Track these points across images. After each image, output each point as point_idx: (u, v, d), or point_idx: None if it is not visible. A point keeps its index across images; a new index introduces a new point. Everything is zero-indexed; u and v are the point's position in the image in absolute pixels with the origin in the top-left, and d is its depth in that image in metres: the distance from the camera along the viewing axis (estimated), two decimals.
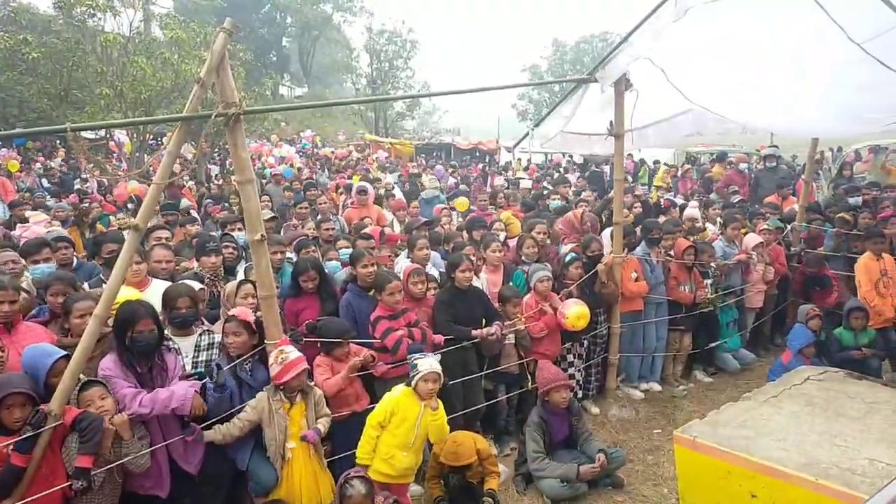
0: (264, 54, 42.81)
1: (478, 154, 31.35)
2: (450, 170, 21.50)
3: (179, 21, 18.07)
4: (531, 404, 5.23)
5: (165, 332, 3.80)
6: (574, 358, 5.99)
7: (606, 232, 6.61)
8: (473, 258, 5.60)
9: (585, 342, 6.07)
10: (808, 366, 5.09)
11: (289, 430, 3.78)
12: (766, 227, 7.42)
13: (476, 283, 5.59)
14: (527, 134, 6.63)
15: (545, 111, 5.92)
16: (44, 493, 3.07)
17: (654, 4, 4.33)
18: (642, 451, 5.29)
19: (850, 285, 7.01)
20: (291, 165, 19.97)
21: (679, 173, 13.88)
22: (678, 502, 3.91)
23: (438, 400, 4.13)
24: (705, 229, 7.72)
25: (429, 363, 4.02)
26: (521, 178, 16.21)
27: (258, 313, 4.07)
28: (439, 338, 4.92)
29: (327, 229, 6.92)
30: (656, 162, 18.71)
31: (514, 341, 5.47)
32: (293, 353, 3.82)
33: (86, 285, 4.71)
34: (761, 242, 7.06)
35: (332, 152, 27.65)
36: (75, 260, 5.56)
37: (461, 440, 4.25)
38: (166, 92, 15.92)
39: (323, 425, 3.94)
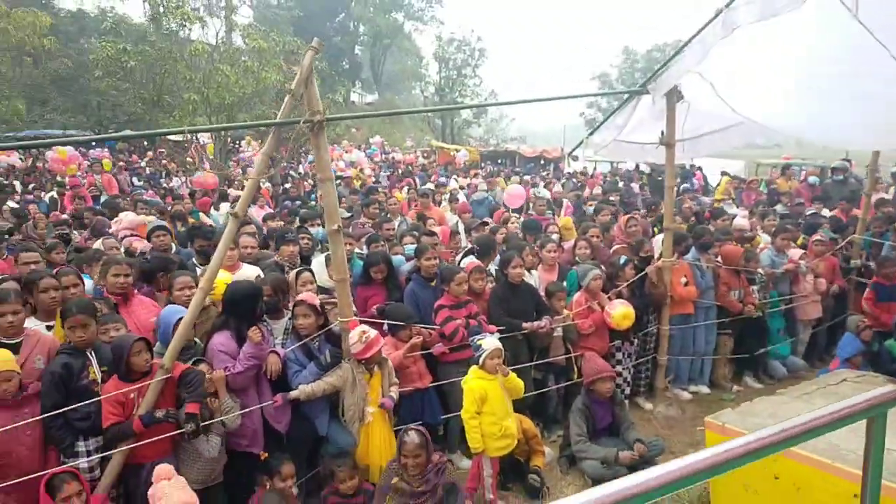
0: (337, 62, 44.25)
1: (542, 162, 31.54)
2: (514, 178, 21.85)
3: (260, 31, 19.21)
4: (577, 395, 5.57)
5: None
6: (623, 356, 6.28)
7: (657, 238, 6.87)
8: (526, 256, 6.01)
9: (635, 341, 6.36)
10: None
11: (368, 397, 4.31)
12: (818, 238, 7.48)
13: (529, 279, 6.01)
14: (581, 142, 6.98)
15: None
16: (158, 438, 3.69)
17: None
18: (684, 444, 5.54)
19: None
20: (361, 170, 20.81)
21: (744, 185, 13.78)
22: (708, 485, 4.20)
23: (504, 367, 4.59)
24: (756, 238, 7.83)
25: (491, 342, 4.51)
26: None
27: (322, 297, 4.64)
28: (493, 328, 5.35)
29: (388, 229, 7.49)
30: (724, 173, 18.50)
31: (561, 335, 5.84)
32: (373, 332, 4.35)
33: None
34: (804, 253, 7.15)
35: (395, 158, 28.48)
36: (173, 246, 6.29)
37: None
38: (247, 98, 17.01)
39: (395, 393, 4.48)
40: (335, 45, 49.80)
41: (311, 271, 5.08)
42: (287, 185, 15.91)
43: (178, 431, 3.73)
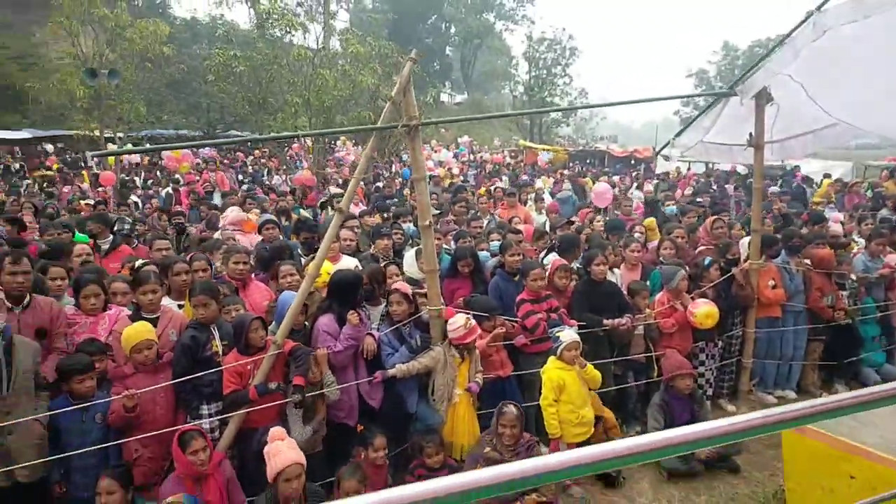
0: (429, 64, 45.24)
1: (633, 162, 30.96)
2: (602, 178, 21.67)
3: (357, 36, 20.04)
4: (657, 392, 5.69)
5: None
6: (706, 357, 6.30)
7: (745, 240, 6.82)
8: (609, 255, 6.18)
9: (720, 343, 6.37)
10: None
11: (457, 380, 4.66)
12: None
13: (611, 278, 6.17)
14: (667, 143, 7.02)
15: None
16: (269, 405, 4.19)
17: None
18: (764, 445, 5.53)
19: None
20: (449, 170, 21.32)
21: (846, 187, 13.14)
22: (783, 484, 4.25)
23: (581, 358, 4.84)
24: (850, 243, 7.57)
25: (569, 334, 4.77)
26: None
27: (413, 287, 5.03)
28: (573, 323, 5.56)
29: (476, 226, 7.82)
30: (826, 176, 17.63)
31: (643, 333, 5.95)
32: (473, 321, 4.69)
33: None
34: None
35: (483, 158, 28.84)
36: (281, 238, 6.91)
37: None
38: (344, 100, 17.81)
39: (480, 379, 4.82)
40: (427, 47, 50.85)
41: (398, 264, 5.49)
42: (380, 185, 16.62)
43: (286, 400, 4.21)
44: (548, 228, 8.67)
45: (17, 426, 3.67)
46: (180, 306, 4.77)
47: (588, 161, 32.40)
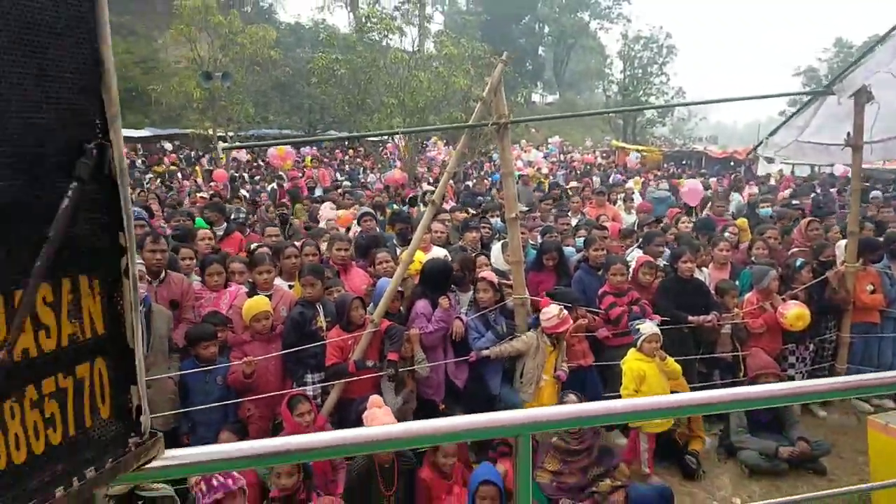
0: (521, 64, 45.30)
1: (732, 163, 29.77)
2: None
3: (451, 38, 20.53)
4: None
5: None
6: (796, 360, 6.20)
7: (841, 243, 6.63)
8: (698, 254, 6.21)
9: (811, 346, 6.25)
10: None
11: (544, 366, 4.91)
12: None
13: (699, 275, 6.20)
14: (760, 143, 6.91)
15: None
16: (364, 377, 4.61)
17: None
18: (854, 451, 5.40)
19: None
20: (538, 169, 21.42)
21: None
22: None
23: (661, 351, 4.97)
24: None
25: (649, 327, 4.92)
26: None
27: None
28: (656, 318, 5.65)
29: (563, 223, 8.00)
30: None
31: (730, 332, 5.95)
32: (566, 312, 4.94)
33: None
34: None
35: (572, 158, 28.64)
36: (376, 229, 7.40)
37: None
38: (437, 101, 18.35)
39: (566, 368, 5.07)
40: (519, 47, 50.91)
41: (486, 256, 5.81)
42: (469, 184, 17.03)
43: (381, 374, 4.61)
44: (636, 228, 8.73)
45: (154, 382, 4.26)
46: (290, 286, 5.29)
47: (684, 162, 31.45)
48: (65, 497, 1.09)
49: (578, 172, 23.20)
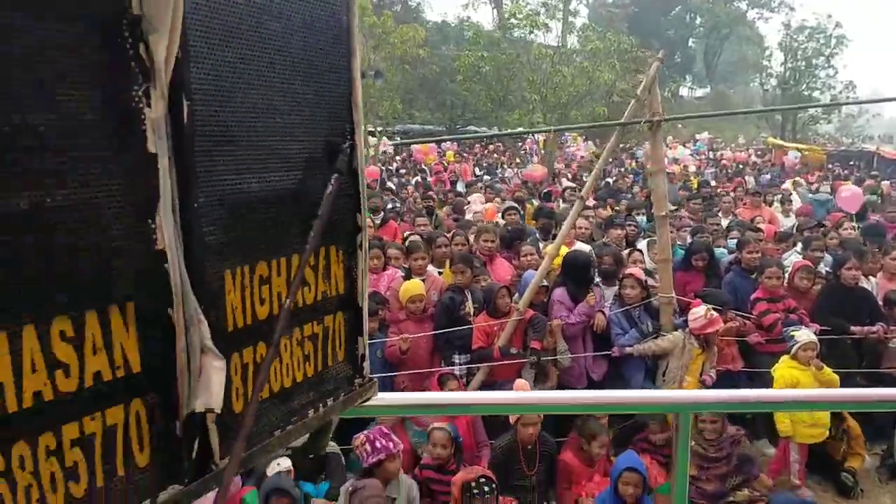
0: (670, 56, 43.35)
1: None
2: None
3: (597, 32, 20.22)
4: None
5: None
6: None
7: None
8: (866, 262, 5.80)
9: None
10: None
11: (689, 368, 4.90)
12: None
13: (866, 285, 5.79)
14: None
15: None
16: (508, 363, 4.85)
17: None
18: None
19: None
20: (685, 168, 20.50)
21: None
22: None
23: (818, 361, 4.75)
24: None
25: (806, 334, 4.72)
26: None
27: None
28: (814, 326, 5.37)
29: (713, 224, 7.74)
30: None
31: None
32: (714, 313, 4.88)
33: None
34: None
35: (722, 156, 27.02)
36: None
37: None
38: (580, 96, 18.21)
39: (713, 374, 4.99)
40: (668, 39, 48.73)
41: (641, 251, 5.82)
42: (609, 180, 16.74)
43: (524, 361, 4.83)
44: (795, 231, 8.24)
45: None
46: (439, 273, 5.66)
47: (852, 163, 28.56)
48: (315, 418, 1.40)
49: (729, 171, 21.88)
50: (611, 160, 21.86)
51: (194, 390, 1.07)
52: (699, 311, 4.85)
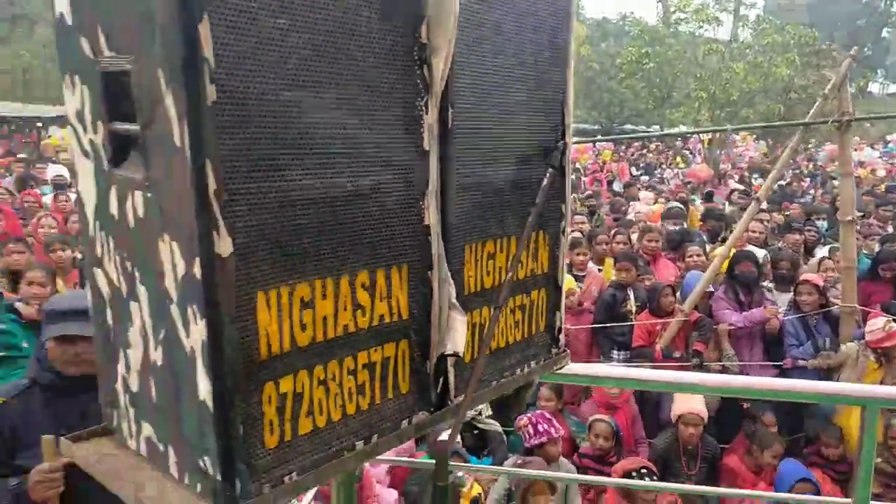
0: (860, 49, 38.95)
1: None
2: None
3: (774, 24, 18.77)
4: None
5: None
6: None
7: None
8: None
9: None
10: None
11: (862, 381, 4.61)
12: None
13: None
14: None
15: None
16: (669, 365, 4.84)
17: None
18: None
19: None
20: (872, 171, 18.49)
21: None
22: None
23: None
24: None
25: None
26: None
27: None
28: None
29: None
30: None
31: None
32: (894, 325, 4.52)
33: None
34: None
35: None
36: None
37: None
38: (752, 94, 17.02)
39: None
40: (857, 29, 43.83)
41: (829, 259, 5.53)
42: (782, 182, 15.53)
43: (687, 364, 4.79)
44: None
45: None
46: (599, 269, 5.74)
47: None
48: (521, 376, 1.64)
49: None
50: (792, 162, 20.27)
51: (443, 337, 1.35)
52: (877, 323, 4.52)
